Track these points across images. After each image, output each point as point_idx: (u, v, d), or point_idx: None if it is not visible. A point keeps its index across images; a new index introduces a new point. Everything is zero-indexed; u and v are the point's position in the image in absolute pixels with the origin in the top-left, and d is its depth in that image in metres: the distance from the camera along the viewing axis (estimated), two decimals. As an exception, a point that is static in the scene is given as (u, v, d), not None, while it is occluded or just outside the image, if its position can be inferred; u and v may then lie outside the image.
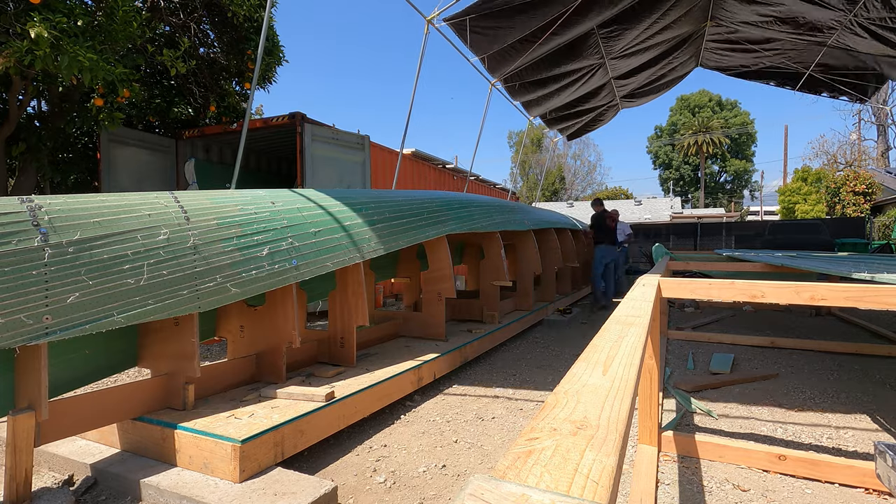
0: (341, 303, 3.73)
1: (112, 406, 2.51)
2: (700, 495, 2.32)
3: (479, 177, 14.58)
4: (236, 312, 3.37)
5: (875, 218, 18.43)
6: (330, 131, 6.78)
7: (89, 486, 2.38)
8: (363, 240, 3.65)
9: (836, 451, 2.79)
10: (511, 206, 7.12)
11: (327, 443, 2.93)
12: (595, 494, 0.47)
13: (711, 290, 2.41)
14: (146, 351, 2.85)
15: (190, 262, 2.59)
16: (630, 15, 7.30)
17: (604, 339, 1.19)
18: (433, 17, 6.81)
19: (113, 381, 4.11)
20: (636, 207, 37.12)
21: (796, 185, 24.41)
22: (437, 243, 4.60)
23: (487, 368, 4.65)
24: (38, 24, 4.04)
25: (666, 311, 6.74)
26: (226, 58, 7.37)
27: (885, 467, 1.57)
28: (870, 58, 8.00)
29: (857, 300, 2.12)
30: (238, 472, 2.23)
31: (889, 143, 28.71)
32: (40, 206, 2.21)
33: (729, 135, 46.38)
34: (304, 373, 3.43)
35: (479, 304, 5.71)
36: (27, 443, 2.07)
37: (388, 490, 2.41)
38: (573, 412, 0.70)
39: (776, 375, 4.19)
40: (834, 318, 6.95)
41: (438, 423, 3.25)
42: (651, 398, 2.50)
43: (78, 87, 5.69)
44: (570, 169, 52.32)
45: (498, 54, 7.56)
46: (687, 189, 51.09)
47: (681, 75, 11.16)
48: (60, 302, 2.10)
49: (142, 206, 2.61)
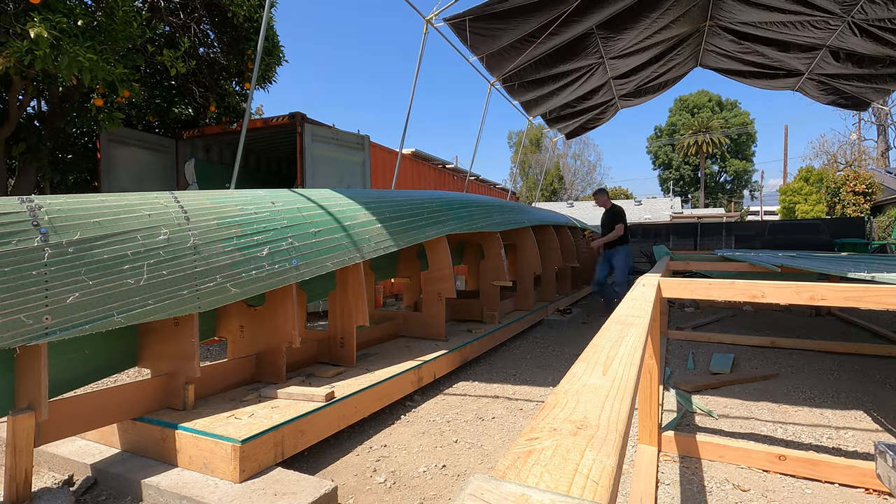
0: (341, 303, 3.73)
1: (112, 406, 2.51)
2: (700, 495, 2.32)
3: (478, 177, 14.58)
4: (236, 312, 3.37)
5: (875, 218, 18.42)
6: (330, 131, 6.78)
7: (89, 486, 2.38)
8: (363, 240, 3.65)
9: (837, 451, 2.79)
10: (511, 206, 7.11)
11: (327, 443, 2.93)
12: (595, 494, 0.47)
13: (711, 290, 2.41)
14: (146, 351, 2.85)
15: (190, 262, 2.59)
16: (629, 15, 7.30)
17: (604, 339, 1.19)
18: (432, 17, 6.82)
19: (113, 381, 4.11)
20: (636, 207, 37.12)
21: (797, 185, 24.41)
22: (437, 243, 4.60)
23: (487, 368, 4.65)
24: (38, 24, 4.04)
25: (666, 311, 6.74)
26: (226, 58, 7.37)
27: (885, 467, 1.57)
28: (860, 83, 8.05)
29: (858, 300, 2.13)
30: (238, 472, 2.23)
31: (889, 143, 28.72)
32: (40, 206, 2.21)
33: (729, 135, 46.39)
34: (304, 373, 3.43)
35: (479, 304, 5.71)
36: (27, 443, 2.07)
37: (388, 490, 2.41)
38: (573, 412, 0.70)
39: (776, 375, 4.19)
40: (834, 318, 6.95)
41: (438, 423, 3.25)
42: (651, 398, 2.50)
43: (78, 87, 5.69)
44: (570, 169, 52.35)
45: (497, 54, 7.56)
46: (687, 189, 51.10)
47: (680, 75, 11.17)
48: (60, 302, 2.10)
49: (142, 206, 2.61)
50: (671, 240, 18.34)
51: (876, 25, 6.79)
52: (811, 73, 9.15)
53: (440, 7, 6.65)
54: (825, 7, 6.65)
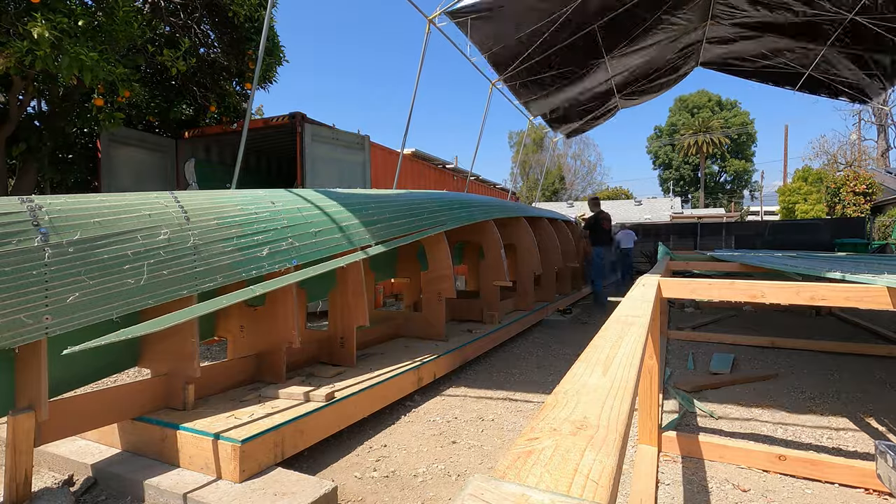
0: (341, 303, 3.73)
1: (112, 406, 2.51)
2: (700, 495, 2.32)
3: (479, 177, 14.58)
4: (236, 312, 3.37)
5: (875, 218, 18.41)
6: (330, 131, 6.78)
7: (89, 486, 2.38)
8: (363, 240, 3.65)
9: (837, 451, 2.79)
10: (511, 206, 7.12)
11: (327, 443, 2.93)
12: (595, 494, 0.47)
13: (711, 290, 2.41)
14: (146, 351, 2.85)
15: (190, 262, 2.59)
16: (630, 14, 7.30)
17: (604, 339, 1.19)
18: (434, 16, 6.82)
19: (113, 381, 4.10)
20: (636, 207, 37.11)
21: (796, 185, 24.40)
22: (437, 244, 4.59)
23: (487, 368, 4.65)
24: (39, 24, 4.04)
25: (666, 311, 6.74)
26: (226, 58, 7.37)
27: (885, 467, 1.57)
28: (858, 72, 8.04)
29: (858, 300, 2.13)
30: (238, 472, 2.23)
31: (889, 143, 28.72)
32: (40, 206, 2.21)
33: (729, 135, 46.38)
34: (304, 373, 3.43)
35: (479, 304, 5.71)
36: (27, 443, 2.07)
37: (387, 490, 2.41)
38: (573, 412, 0.70)
39: (776, 375, 4.19)
40: (834, 318, 6.95)
41: (438, 423, 3.25)
42: (651, 398, 2.50)
43: (78, 87, 5.69)
44: (571, 169, 52.34)
45: (498, 52, 7.57)
46: (687, 189, 51.09)
47: (680, 75, 11.16)
48: (60, 302, 2.10)
49: (142, 206, 2.61)
50: (671, 240, 18.32)
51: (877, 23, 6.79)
52: (813, 70, 9.15)
53: (442, 7, 6.65)
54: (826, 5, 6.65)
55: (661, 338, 4.81)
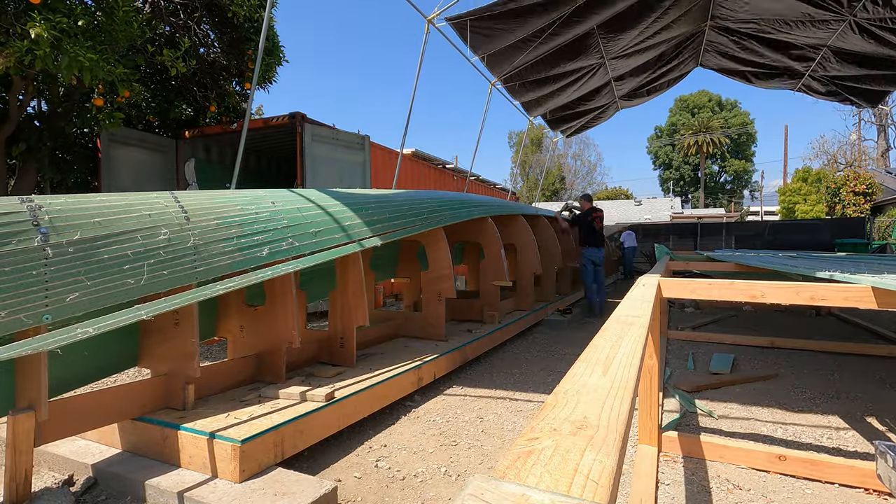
0: (341, 303, 3.73)
1: (112, 406, 2.51)
2: (700, 495, 2.32)
3: (479, 177, 14.57)
4: (236, 312, 3.37)
5: (875, 218, 18.41)
6: (330, 131, 6.78)
7: (89, 486, 2.38)
8: (363, 240, 3.64)
9: (837, 451, 2.79)
10: (512, 206, 7.12)
11: (327, 443, 2.93)
12: (595, 494, 0.47)
13: (711, 290, 2.41)
14: (146, 351, 2.85)
15: (190, 262, 2.59)
16: (630, 15, 7.30)
17: (604, 339, 1.19)
18: (433, 16, 6.81)
19: (113, 381, 4.10)
20: (636, 207, 37.11)
21: (796, 186, 24.40)
22: (436, 244, 4.59)
23: (487, 368, 4.65)
24: (39, 24, 4.04)
25: (666, 311, 6.74)
26: (226, 58, 7.37)
27: (885, 467, 1.57)
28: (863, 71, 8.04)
29: (857, 300, 2.13)
30: (238, 472, 2.23)
31: (889, 143, 28.72)
32: (40, 206, 2.21)
33: (729, 135, 46.39)
34: (304, 373, 3.43)
35: (479, 304, 5.70)
36: (27, 443, 2.07)
37: (387, 490, 2.41)
38: (573, 412, 0.70)
39: (776, 375, 4.19)
40: (834, 318, 6.95)
41: (438, 423, 3.25)
42: (651, 398, 2.50)
43: (78, 87, 5.69)
44: (571, 169, 52.35)
45: (498, 54, 7.57)
46: (687, 189, 51.10)
47: (680, 75, 11.17)
48: (60, 302, 2.10)
49: (142, 206, 2.61)
50: (671, 240, 18.34)
51: (877, 25, 6.79)
52: (812, 73, 9.15)
53: (441, 7, 6.65)
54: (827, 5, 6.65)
55: (661, 338, 4.81)
